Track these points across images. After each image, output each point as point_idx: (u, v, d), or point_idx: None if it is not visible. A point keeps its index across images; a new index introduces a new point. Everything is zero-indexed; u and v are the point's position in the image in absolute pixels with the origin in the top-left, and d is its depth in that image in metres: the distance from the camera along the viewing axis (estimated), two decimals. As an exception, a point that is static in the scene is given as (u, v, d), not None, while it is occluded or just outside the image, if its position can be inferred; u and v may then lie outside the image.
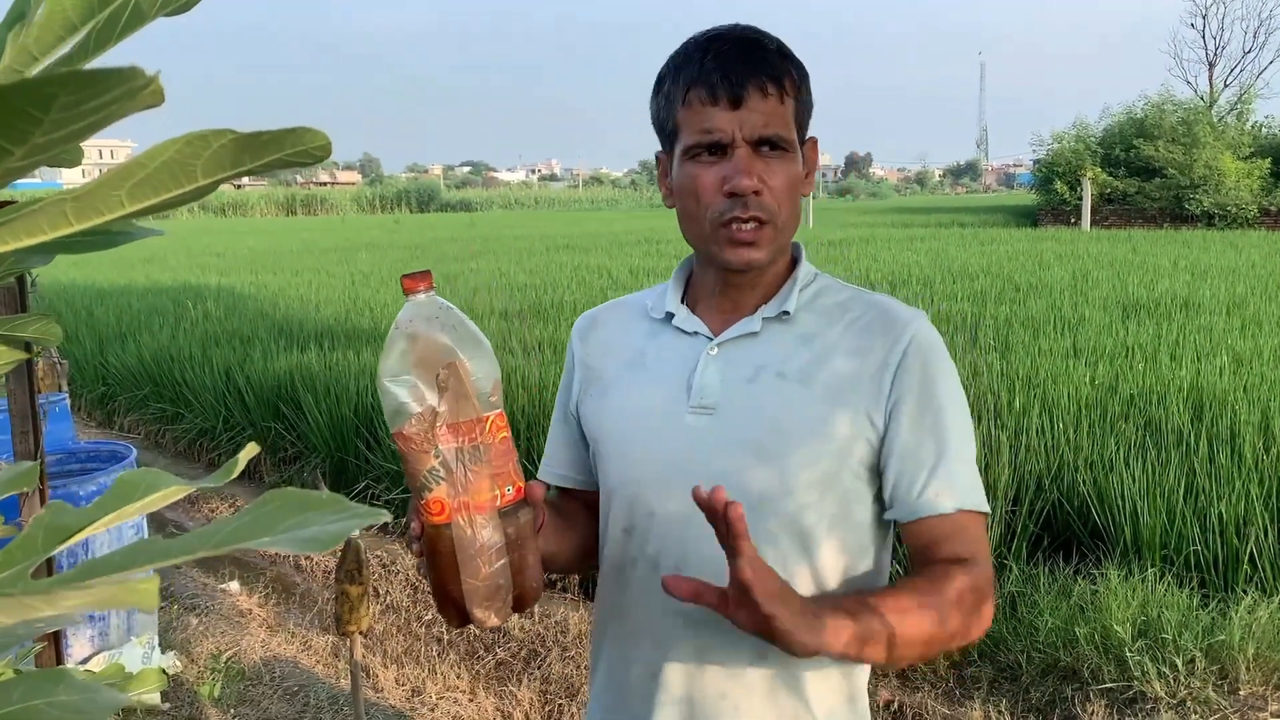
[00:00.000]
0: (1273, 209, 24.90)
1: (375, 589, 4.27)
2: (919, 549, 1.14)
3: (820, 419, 1.13)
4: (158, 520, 5.20)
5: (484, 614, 1.01)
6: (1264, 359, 5.86)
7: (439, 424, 0.96)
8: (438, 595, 1.04)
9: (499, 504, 1.00)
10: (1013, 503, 4.01)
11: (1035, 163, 30.91)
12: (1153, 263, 12.20)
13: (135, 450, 3.90)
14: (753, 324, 1.18)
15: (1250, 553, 3.55)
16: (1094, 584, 3.46)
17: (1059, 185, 27.88)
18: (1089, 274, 10.92)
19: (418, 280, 0.99)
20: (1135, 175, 27.22)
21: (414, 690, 3.50)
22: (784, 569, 1.13)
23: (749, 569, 0.91)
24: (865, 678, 1.23)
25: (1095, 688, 3.08)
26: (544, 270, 13.75)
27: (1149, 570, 3.50)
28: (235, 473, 0.54)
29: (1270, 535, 3.59)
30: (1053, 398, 5.04)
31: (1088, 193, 24.54)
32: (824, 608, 0.99)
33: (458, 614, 1.03)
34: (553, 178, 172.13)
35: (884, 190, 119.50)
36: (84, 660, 3.39)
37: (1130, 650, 3.11)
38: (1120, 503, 3.82)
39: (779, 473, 1.13)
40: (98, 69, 0.34)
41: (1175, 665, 3.06)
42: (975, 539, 1.12)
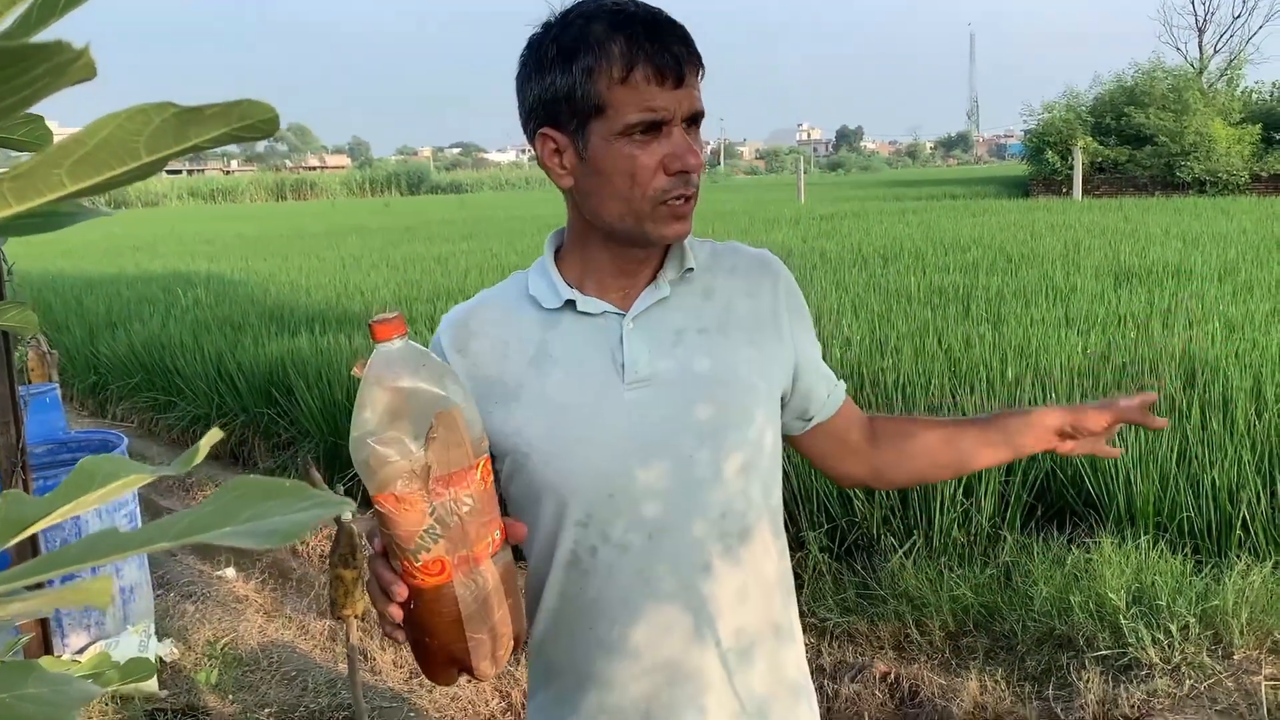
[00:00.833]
0: (1264, 175, 24.90)
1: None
2: (839, 430, 1.33)
3: (749, 360, 1.20)
4: (154, 509, 5.20)
5: (489, 665, 0.97)
6: (1256, 325, 5.86)
7: (431, 478, 0.90)
8: (433, 657, 0.98)
9: (492, 551, 0.96)
10: (1006, 473, 4.02)
11: (1026, 133, 30.83)
12: (1144, 231, 12.18)
13: (126, 439, 3.88)
14: (661, 290, 1.19)
15: (1243, 518, 3.56)
16: (1088, 552, 3.47)
17: (1050, 155, 27.82)
18: (1080, 243, 10.90)
19: (390, 327, 0.91)
20: (1126, 144, 27.18)
21: (412, 672, 3.51)
22: (746, 524, 1.18)
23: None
24: (803, 654, 1.32)
25: (1090, 655, 3.09)
26: (536, 251, 13.60)
27: (1142, 538, 3.52)
28: (197, 460, 0.52)
29: (1262, 500, 3.60)
30: (1045, 367, 5.04)
31: (1079, 162, 24.49)
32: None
33: (455, 671, 0.99)
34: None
35: (875, 163, 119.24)
36: (80, 650, 3.39)
37: (1124, 617, 3.12)
38: (1113, 470, 3.83)
39: (733, 422, 1.17)
40: (22, 43, 0.32)
41: (1169, 631, 3.07)
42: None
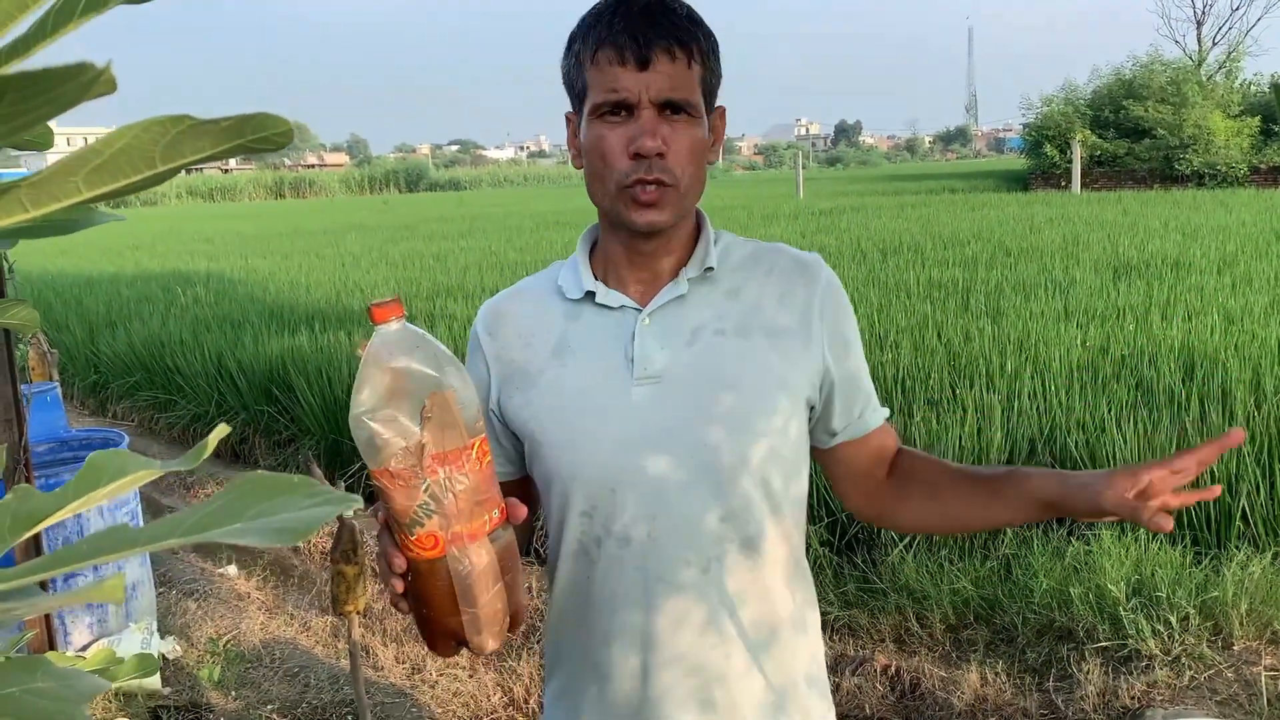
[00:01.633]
0: (1263, 167, 24.88)
1: (373, 569, 4.28)
2: (866, 456, 1.26)
3: (766, 366, 1.16)
4: (155, 507, 5.20)
5: (484, 640, 1.00)
6: (1255, 317, 5.87)
7: (425, 456, 0.93)
8: (431, 629, 1.02)
9: (488, 529, 0.98)
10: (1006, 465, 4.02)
11: (1025, 127, 30.80)
12: (1143, 224, 12.19)
13: (127, 437, 3.89)
14: (679, 287, 1.19)
15: (1242, 509, 3.57)
16: (1087, 545, 3.47)
17: (1049, 149, 27.79)
18: (1080, 236, 10.90)
19: (388, 309, 0.95)
20: (1125, 137, 27.15)
21: (414, 668, 3.52)
22: (753, 520, 1.17)
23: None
24: (823, 646, 1.30)
25: (1090, 647, 3.11)
26: (534, 248, 13.72)
27: (1142, 529, 3.52)
28: (205, 455, 0.53)
29: (1262, 492, 3.61)
30: (1044, 360, 5.05)
31: (1077, 155, 24.47)
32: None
33: (453, 644, 1.02)
34: (541, 154, 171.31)
35: (874, 158, 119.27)
36: (83, 647, 3.40)
37: (1124, 609, 3.13)
38: (1112, 463, 3.83)
39: (738, 426, 1.15)
40: (47, 68, 0.33)
41: (1169, 622, 3.08)
42: (897, 440, 1.30)
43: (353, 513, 2.59)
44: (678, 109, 1.11)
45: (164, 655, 3.57)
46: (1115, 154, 27.04)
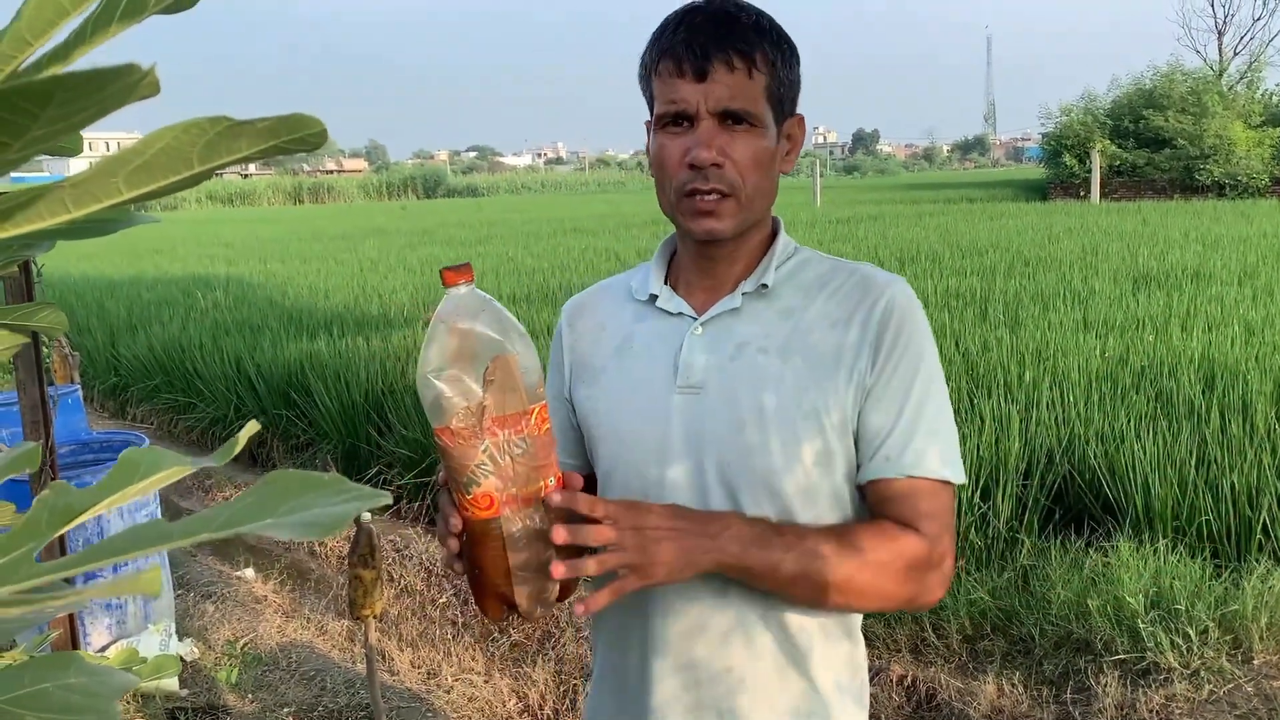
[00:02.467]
0: (1284, 177, 24.70)
1: (389, 573, 4.29)
2: (871, 511, 1.16)
3: (800, 391, 1.13)
4: (174, 509, 5.24)
5: (532, 605, 1.01)
6: (1276, 329, 5.82)
7: (486, 418, 0.95)
8: (482, 590, 1.03)
9: (543, 495, 0.99)
10: (1024, 476, 4.01)
11: (1043, 136, 30.66)
12: (1163, 234, 12.11)
13: (148, 440, 3.92)
14: (733, 301, 1.19)
15: (1263, 522, 3.54)
16: (1106, 556, 3.45)
17: (1068, 158, 27.67)
18: (1099, 247, 10.85)
19: (459, 273, 0.99)
20: (1144, 147, 27.01)
21: (429, 672, 3.53)
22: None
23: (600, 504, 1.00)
24: (864, 650, 1.24)
25: (1108, 659, 3.09)
26: (551, 254, 13.74)
27: (1161, 541, 3.50)
28: (236, 451, 0.54)
29: (1283, 505, 3.58)
30: (1063, 371, 5.03)
31: (1096, 165, 24.36)
32: (725, 520, 1.06)
33: (503, 606, 1.03)
34: (559, 161, 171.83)
35: (892, 167, 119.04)
36: (102, 648, 3.42)
37: (1143, 621, 3.11)
38: (1131, 474, 3.81)
39: (763, 448, 1.14)
40: (94, 69, 0.34)
41: (1188, 635, 3.06)
42: (923, 508, 1.11)
43: (370, 517, 2.60)
44: (738, 119, 1.11)
45: (181, 657, 3.59)
46: (1135, 164, 26.90)
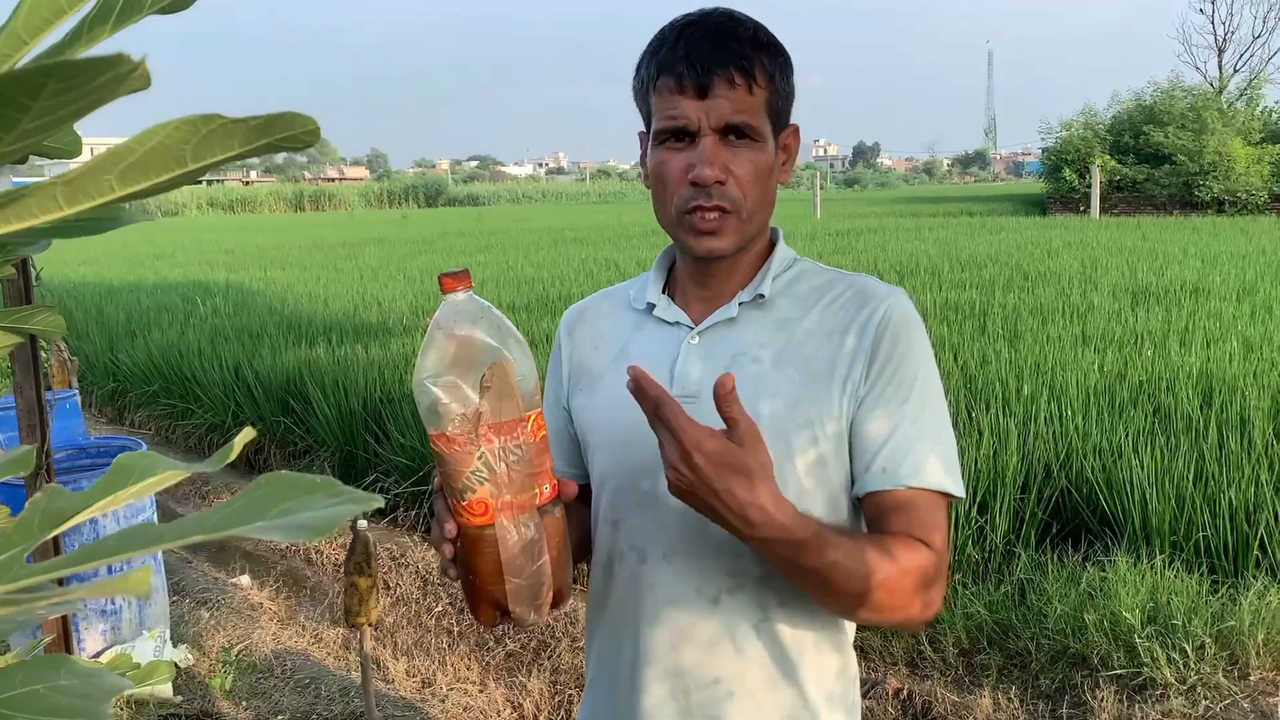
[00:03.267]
0: (1284, 194, 24.75)
1: (385, 581, 4.29)
2: (869, 523, 1.14)
3: (795, 401, 1.13)
4: (170, 516, 5.23)
5: (525, 611, 1.01)
6: (1274, 345, 5.83)
7: (482, 424, 0.95)
8: (476, 596, 1.03)
9: (538, 502, 0.99)
10: (1021, 490, 4.00)
11: (1044, 151, 30.74)
12: (1162, 249, 12.14)
13: (145, 446, 3.92)
14: (730, 310, 1.19)
15: (1260, 539, 3.54)
16: (1103, 571, 3.45)
17: (1068, 173, 27.73)
18: (1098, 261, 10.87)
19: (457, 280, 0.98)
20: (1144, 162, 27.08)
21: (424, 681, 3.52)
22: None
23: (739, 413, 0.97)
24: (855, 662, 1.23)
25: (1105, 674, 3.08)
26: (551, 264, 13.76)
27: (1158, 557, 3.50)
28: (232, 456, 0.54)
29: (1280, 521, 3.58)
30: (1061, 385, 5.03)
31: (1096, 180, 24.42)
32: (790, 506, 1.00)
33: (496, 614, 1.03)
34: (560, 171, 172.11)
35: (892, 180, 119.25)
36: (97, 654, 3.41)
37: (1139, 636, 3.10)
38: (1129, 489, 3.81)
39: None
40: (86, 58, 0.34)
41: (1185, 651, 3.05)
42: (927, 520, 1.10)
43: (366, 525, 2.60)
44: (739, 134, 1.11)
45: (176, 664, 3.58)
46: (1135, 179, 26.96)
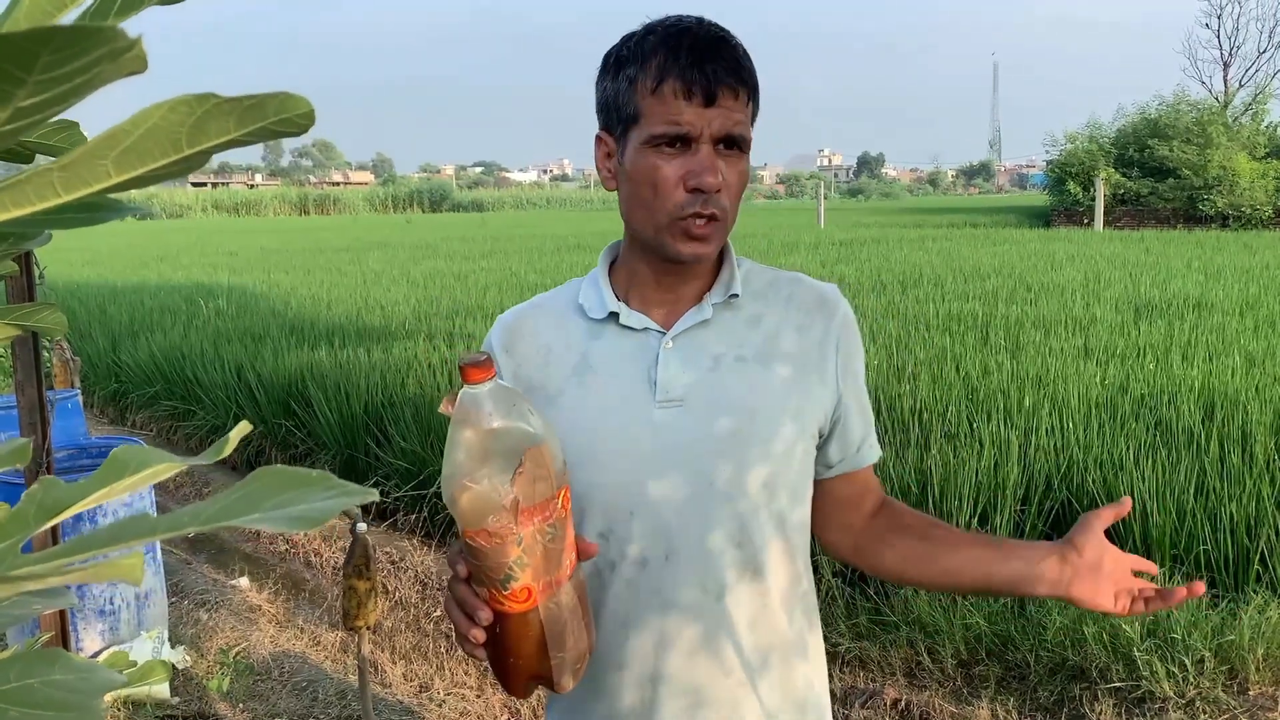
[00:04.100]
0: (1288, 209, 24.74)
1: (384, 585, 4.28)
2: (854, 492, 1.28)
3: (784, 395, 1.18)
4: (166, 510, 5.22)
5: (567, 681, 1.01)
6: (1277, 359, 5.82)
7: (520, 511, 0.92)
8: (514, 674, 1.01)
9: (569, 573, 0.99)
10: (1022, 502, 4.00)
11: (1048, 163, 30.73)
12: (1165, 263, 12.13)
13: (146, 446, 3.92)
14: (703, 312, 1.19)
15: (1261, 553, 3.53)
16: (1103, 583, 3.43)
17: (1072, 186, 27.75)
18: (1101, 274, 10.87)
19: (482, 369, 0.94)
20: (1149, 176, 27.08)
21: (422, 686, 3.51)
22: (763, 545, 1.17)
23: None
24: (825, 670, 1.31)
25: (1103, 687, 3.07)
26: (554, 270, 13.77)
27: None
28: (227, 450, 0.54)
29: (1281, 535, 3.57)
30: (1063, 397, 5.02)
31: (1100, 193, 24.42)
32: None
33: (533, 685, 1.02)
34: (564, 178, 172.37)
35: (896, 190, 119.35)
36: (95, 654, 3.41)
37: (1139, 649, 3.09)
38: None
39: (755, 454, 1.15)
40: (79, 25, 0.34)
41: (1184, 665, 3.04)
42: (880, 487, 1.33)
43: (365, 528, 2.59)
44: (733, 144, 1.12)
45: (174, 665, 3.57)
46: (1139, 193, 26.96)
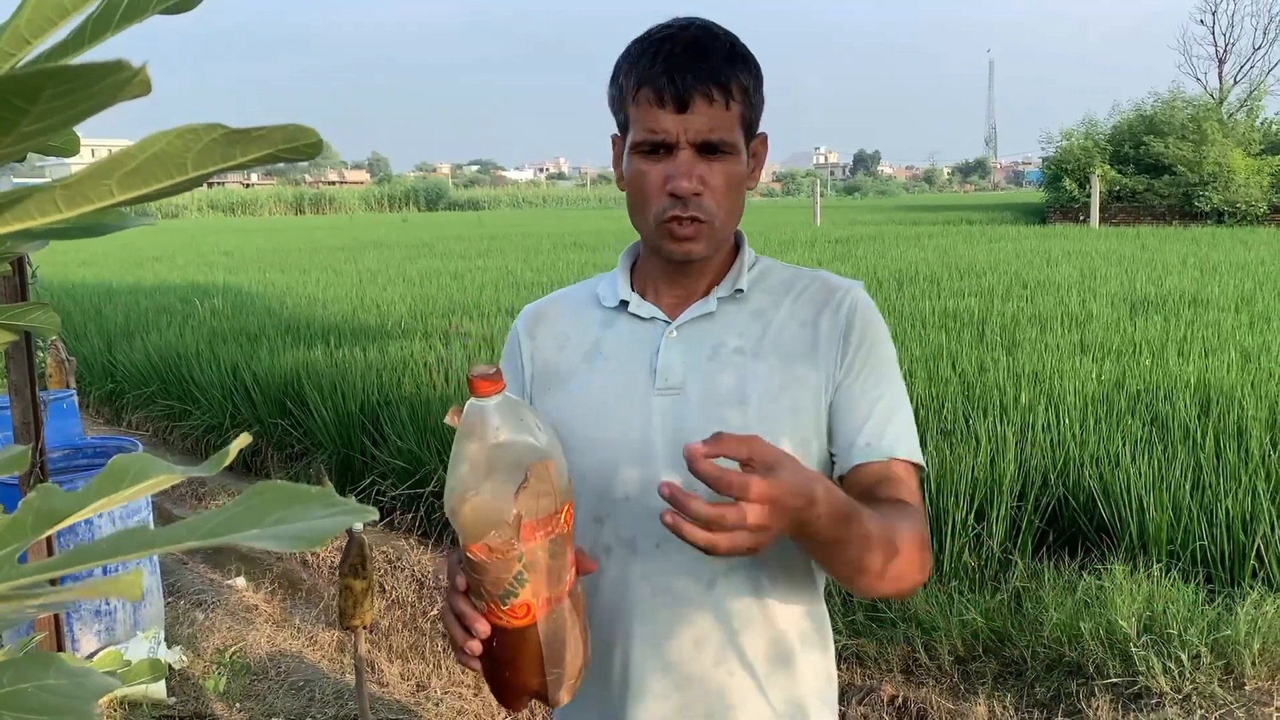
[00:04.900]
0: (1283, 206, 24.77)
1: (381, 584, 4.28)
2: (858, 496, 1.13)
3: (778, 388, 1.18)
4: (166, 517, 5.22)
5: (563, 695, 1.00)
6: (1272, 355, 5.84)
7: (522, 526, 0.91)
8: (509, 689, 1.01)
9: (569, 588, 0.98)
10: (1018, 498, 4.00)
11: (1044, 160, 30.76)
12: (1161, 259, 12.15)
13: (141, 446, 3.91)
14: (708, 305, 1.22)
15: (1257, 548, 3.54)
16: (1099, 579, 3.45)
17: (1068, 183, 27.76)
18: (1097, 271, 10.88)
19: (491, 382, 0.92)
20: (1144, 172, 27.10)
21: (419, 685, 3.51)
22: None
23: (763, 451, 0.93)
24: (833, 659, 1.27)
25: (1100, 683, 3.08)
26: (551, 268, 13.76)
27: (1155, 565, 3.50)
28: (226, 462, 0.54)
29: (1277, 530, 3.57)
30: (1059, 393, 5.03)
31: (1096, 190, 24.44)
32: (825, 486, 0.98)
33: (528, 700, 1.01)
34: (561, 176, 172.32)
35: (892, 188, 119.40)
36: (90, 654, 3.41)
37: (1135, 645, 3.10)
38: (1126, 498, 3.81)
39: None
40: (85, 63, 0.34)
41: (1181, 660, 3.05)
42: (911, 488, 1.16)
43: (362, 527, 2.59)
44: (714, 149, 1.13)
45: (170, 665, 3.57)
46: (1134, 189, 26.98)
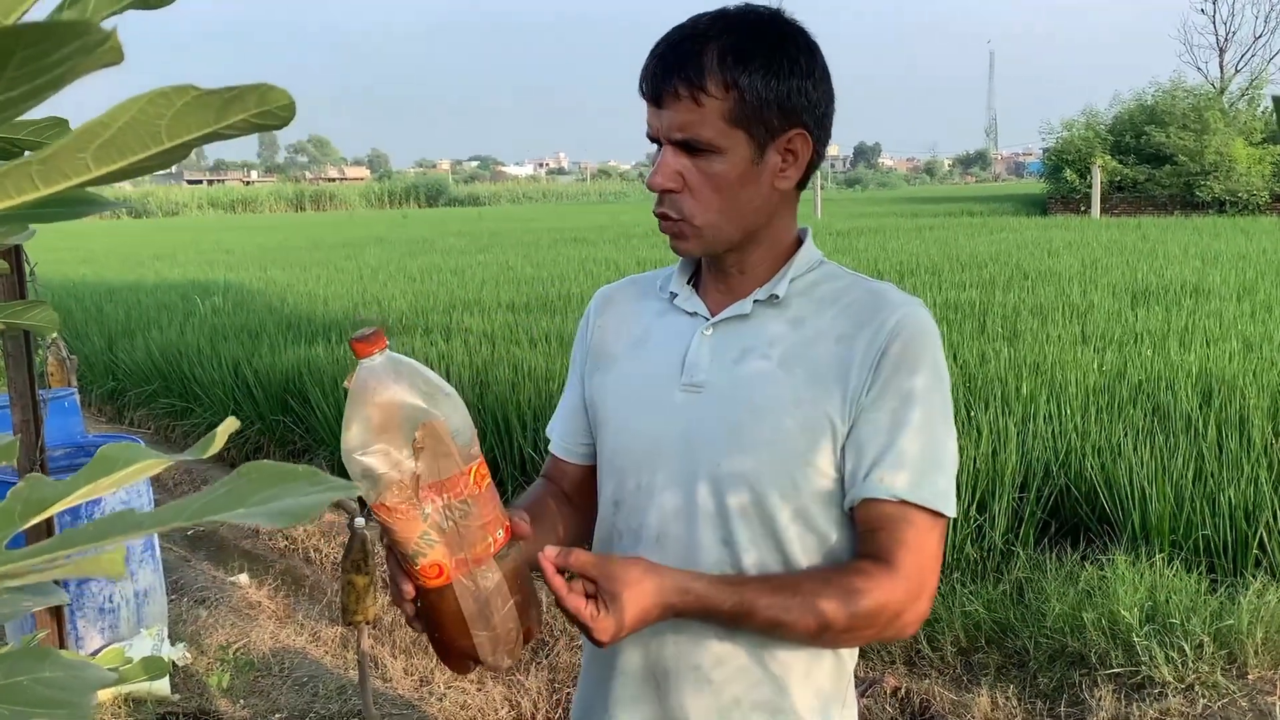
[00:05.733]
0: (1285, 195, 24.73)
1: (384, 580, 4.28)
2: (858, 535, 1.13)
3: (796, 402, 1.13)
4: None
5: (498, 659, 1.01)
6: (1274, 344, 5.83)
7: (421, 487, 0.93)
8: (445, 650, 1.02)
9: (494, 551, 0.98)
10: (1020, 489, 4.00)
11: (1045, 151, 30.69)
12: (1163, 249, 12.13)
13: (143, 443, 3.91)
14: (744, 306, 1.20)
15: (1260, 537, 3.53)
16: (1102, 569, 3.45)
17: (1069, 173, 27.71)
18: (1098, 261, 10.87)
19: (370, 342, 0.93)
20: (1145, 162, 27.05)
21: (422, 680, 3.51)
22: (753, 547, 1.15)
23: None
24: (854, 659, 1.23)
25: (1103, 673, 3.08)
26: (551, 263, 13.76)
27: (1157, 555, 3.50)
28: (216, 446, 0.54)
29: (1279, 520, 3.57)
30: (1061, 384, 5.02)
31: (1097, 180, 24.40)
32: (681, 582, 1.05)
33: (469, 662, 1.02)
34: (560, 171, 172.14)
35: (893, 180, 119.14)
36: (95, 652, 3.41)
37: (1138, 635, 3.10)
38: (1128, 488, 3.80)
39: (752, 453, 1.13)
40: (53, 20, 0.33)
41: (1183, 650, 3.05)
42: (913, 539, 1.08)
43: (364, 523, 2.59)
44: (690, 148, 1.11)
45: (174, 662, 3.58)
46: (1136, 179, 26.94)
